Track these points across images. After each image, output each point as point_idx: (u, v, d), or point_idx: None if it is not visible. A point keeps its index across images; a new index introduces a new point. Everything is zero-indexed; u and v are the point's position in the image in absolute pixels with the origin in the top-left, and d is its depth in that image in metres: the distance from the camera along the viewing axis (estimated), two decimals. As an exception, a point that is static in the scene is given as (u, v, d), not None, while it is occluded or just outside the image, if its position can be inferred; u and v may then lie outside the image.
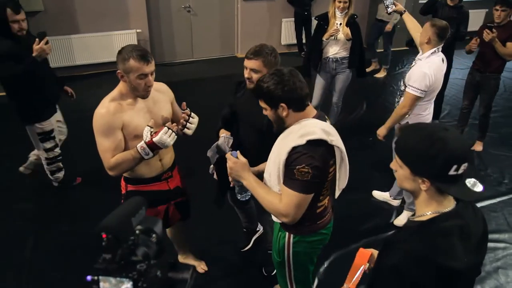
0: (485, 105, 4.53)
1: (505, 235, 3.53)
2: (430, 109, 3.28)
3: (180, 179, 2.62)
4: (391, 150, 3.31)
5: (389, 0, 3.61)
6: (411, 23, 3.45)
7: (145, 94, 2.20)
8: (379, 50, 7.36)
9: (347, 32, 4.18)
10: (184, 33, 7.51)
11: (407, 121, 3.22)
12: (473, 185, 1.29)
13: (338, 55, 4.32)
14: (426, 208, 1.35)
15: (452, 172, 1.26)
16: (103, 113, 2.15)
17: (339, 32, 4.19)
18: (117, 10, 6.70)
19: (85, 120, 2.55)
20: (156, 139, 2.12)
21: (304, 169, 1.75)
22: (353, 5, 4.20)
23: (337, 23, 4.20)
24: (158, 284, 0.91)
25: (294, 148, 1.78)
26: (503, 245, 3.43)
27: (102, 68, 6.66)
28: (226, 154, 2.04)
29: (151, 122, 2.20)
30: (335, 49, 4.30)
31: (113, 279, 0.89)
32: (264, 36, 7.70)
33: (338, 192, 2.05)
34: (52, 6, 6.34)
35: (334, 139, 1.84)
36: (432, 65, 3.03)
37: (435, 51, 3.05)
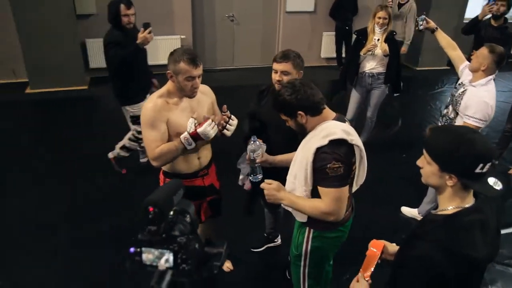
0: None
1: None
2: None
3: (215, 177, 2.75)
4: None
5: (421, 16, 3.54)
6: (445, 40, 3.40)
7: (191, 95, 2.36)
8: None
9: (384, 48, 4.22)
10: (226, 41, 7.73)
11: None
12: (494, 183, 1.41)
13: (375, 70, 4.37)
14: (449, 203, 1.46)
15: (478, 170, 1.36)
16: (151, 107, 2.31)
17: (377, 47, 4.24)
18: (164, 16, 6.99)
19: (116, 118, 2.68)
20: (200, 130, 2.26)
21: (335, 165, 1.88)
22: (392, 22, 4.24)
23: (375, 38, 4.25)
24: (196, 256, 1.02)
25: (319, 149, 1.91)
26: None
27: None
28: (263, 184, 2.13)
29: (195, 115, 2.35)
30: (371, 64, 4.35)
31: (155, 250, 1.00)
32: (304, 48, 7.79)
33: (355, 188, 2.18)
34: (104, 10, 6.67)
35: (354, 138, 1.96)
36: (491, 94, 2.93)
37: (492, 78, 2.95)
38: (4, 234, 3.46)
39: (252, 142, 2.29)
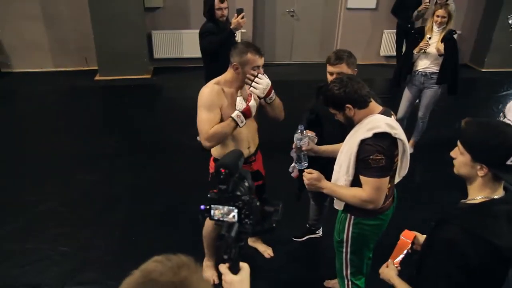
0: None
1: None
2: None
3: (261, 164, 2.91)
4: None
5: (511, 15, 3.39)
6: None
7: None
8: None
9: (438, 47, 4.14)
10: (286, 36, 7.83)
11: None
12: None
13: (428, 69, 4.29)
14: (478, 193, 1.51)
15: (509, 162, 1.41)
16: (208, 91, 2.48)
17: (429, 46, 4.17)
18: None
19: (184, 106, 2.90)
20: (251, 103, 2.43)
21: (378, 157, 1.99)
22: (452, 20, 4.14)
23: (428, 37, 4.18)
24: (256, 212, 1.20)
25: (363, 141, 2.02)
26: None
27: (199, 62, 7.21)
28: (304, 173, 2.26)
29: (240, 92, 2.51)
30: (425, 62, 4.28)
31: (223, 207, 1.19)
32: (363, 45, 7.73)
33: (398, 179, 2.26)
34: (170, 3, 7.05)
35: (398, 132, 2.04)
36: None
37: None
38: (72, 206, 3.84)
39: (298, 131, 2.40)
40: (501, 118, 3.11)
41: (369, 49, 7.86)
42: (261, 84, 2.47)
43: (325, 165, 2.38)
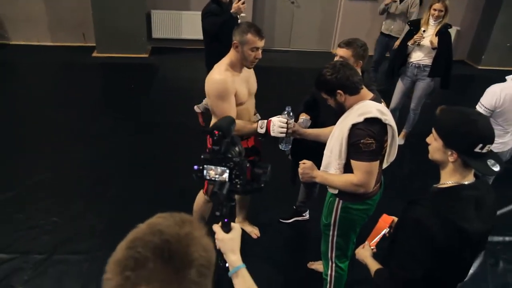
0: None
1: None
2: (505, 138, 3.15)
3: (256, 139, 2.93)
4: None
5: None
6: None
7: (250, 65, 2.57)
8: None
9: (432, 40, 4.18)
10: (285, 23, 7.84)
11: None
12: (493, 164, 1.51)
13: (421, 62, 4.34)
14: (449, 178, 1.58)
15: (477, 150, 1.48)
16: (222, 79, 2.49)
17: (423, 39, 4.22)
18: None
19: (180, 86, 2.88)
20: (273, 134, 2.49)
21: (368, 141, 2.04)
22: (448, 14, 4.19)
23: (423, 30, 4.23)
24: (246, 173, 1.29)
25: (354, 126, 2.07)
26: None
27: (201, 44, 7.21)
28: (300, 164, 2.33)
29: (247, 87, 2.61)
30: (418, 55, 4.33)
31: (218, 168, 1.27)
32: (362, 36, 7.49)
33: (386, 165, 2.32)
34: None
35: (388, 118, 2.10)
36: (506, 87, 2.99)
37: None
38: (65, 180, 3.89)
39: (285, 113, 2.46)
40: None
41: (368, 39, 7.65)
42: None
43: (312, 150, 2.45)
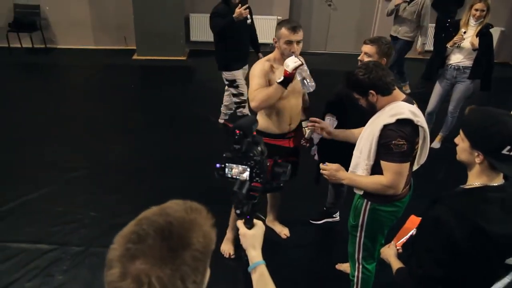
0: None
1: None
2: None
3: (300, 140, 2.99)
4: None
5: None
6: None
7: None
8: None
9: (473, 41, 4.06)
10: (322, 25, 7.82)
11: None
12: None
13: (461, 63, 4.21)
14: (476, 180, 1.53)
15: (505, 152, 1.42)
16: (260, 66, 2.66)
17: (463, 40, 4.10)
18: (265, -3, 7.26)
19: (216, 89, 2.88)
20: (290, 69, 2.45)
21: (400, 142, 2.02)
22: (490, 14, 4.05)
23: (463, 31, 4.11)
24: (266, 171, 1.32)
25: (386, 126, 2.06)
26: None
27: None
28: (321, 166, 2.30)
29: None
30: (458, 57, 4.21)
31: (236, 166, 1.32)
32: (400, 38, 7.59)
33: (416, 167, 2.29)
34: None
35: (420, 120, 2.07)
36: None
37: None
38: (102, 175, 4.07)
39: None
40: None
41: None
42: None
43: (338, 151, 2.45)
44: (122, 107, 5.51)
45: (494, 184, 1.50)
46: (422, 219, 1.66)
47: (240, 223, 1.33)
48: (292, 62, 2.45)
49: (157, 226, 0.82)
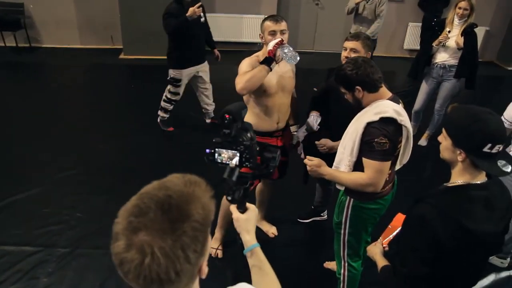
0: None
1: None
2: None
3: (288, 141, 3.01)
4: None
5: None
6: None
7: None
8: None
9: (458, 40, 4.11)
10: (309, 25, 7.84)
11: None
12: (504, 165, 1.49)
13: (447, 62, 4.27)
14: (459, 178, 1.54)
15: (486, 150, 1.43)
16: (248, 60, 2.68)
17: (448, 39, 4.15)
18: (251, -4, 7.27)
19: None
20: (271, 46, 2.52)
21: (382, 140, 2.04)
22: (474, 13, 4.10)
23: (447, 30, 4.15)
24: (256, 156, 1.32)
25: (369, 124, 2.07)
26: None
27: (228, 46, 7.24)
28: (305, 160, 2.34)
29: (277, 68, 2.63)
30: (444, 56, 4.26)
31: (226, 151, 1.32)
32: (386, 37, 7.65)
33: (398, 166, 2.31)
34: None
35: (404, 119, 2.08)
36: None
37: None
38: (90, 176, 4.03)
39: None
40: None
41: (392, 41, 7.78)
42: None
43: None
44: (109, 106, 5.46)
45: (477, 182, 1.51)
46: (406, 217, 1.67)
47: (233, 208, 1.34)
48: (273, 42, 2.52)
49: (157, 200, 0.87)
